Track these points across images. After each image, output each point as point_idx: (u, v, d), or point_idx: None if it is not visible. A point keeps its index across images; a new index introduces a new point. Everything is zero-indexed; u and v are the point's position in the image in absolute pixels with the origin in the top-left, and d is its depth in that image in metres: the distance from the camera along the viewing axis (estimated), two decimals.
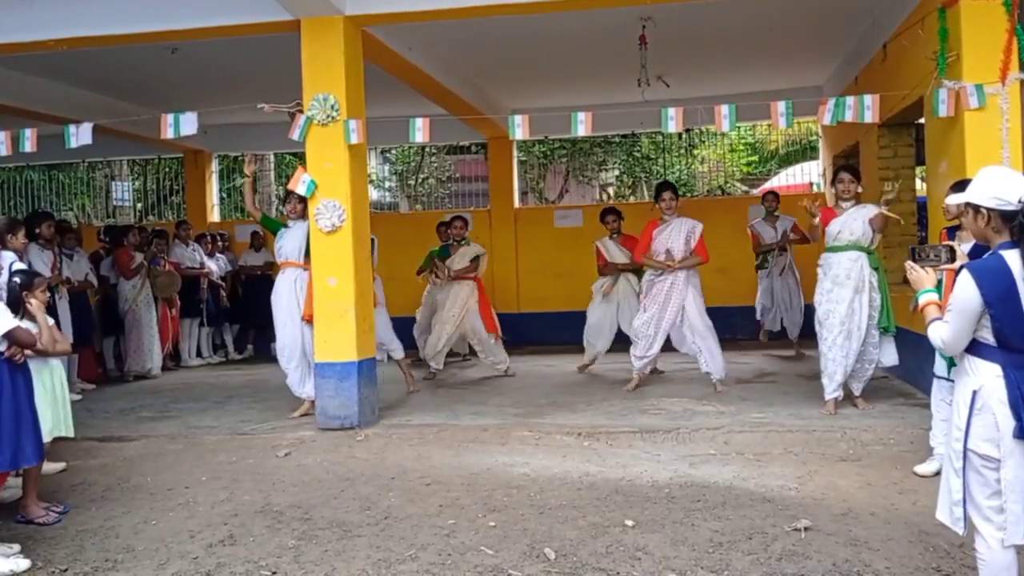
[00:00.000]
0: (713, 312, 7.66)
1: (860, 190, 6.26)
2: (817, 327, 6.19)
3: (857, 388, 6.28)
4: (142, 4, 6.35)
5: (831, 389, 6.12)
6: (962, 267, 2.72)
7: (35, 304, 4.23)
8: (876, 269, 6.14)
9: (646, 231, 7.33)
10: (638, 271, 7.97)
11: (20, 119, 8.18)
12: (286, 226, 6.72)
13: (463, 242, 8.41)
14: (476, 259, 8.36)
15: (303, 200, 6.42)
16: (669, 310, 7.19)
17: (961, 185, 4.47)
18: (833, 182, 6.45)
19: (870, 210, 6.10)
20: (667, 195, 7.25)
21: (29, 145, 6.27)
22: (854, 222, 6.07)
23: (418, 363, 8.65)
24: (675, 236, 7.17)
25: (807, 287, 7.96)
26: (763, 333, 9.53)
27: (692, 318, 7.17)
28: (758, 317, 9.38)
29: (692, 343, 7.25)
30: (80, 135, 6.18)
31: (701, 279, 7.35)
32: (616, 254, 8.17)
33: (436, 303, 8.40)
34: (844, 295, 6.03)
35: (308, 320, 6.43)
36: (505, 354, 8.51)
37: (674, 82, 8.43)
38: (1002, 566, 2.67)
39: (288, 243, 6.65)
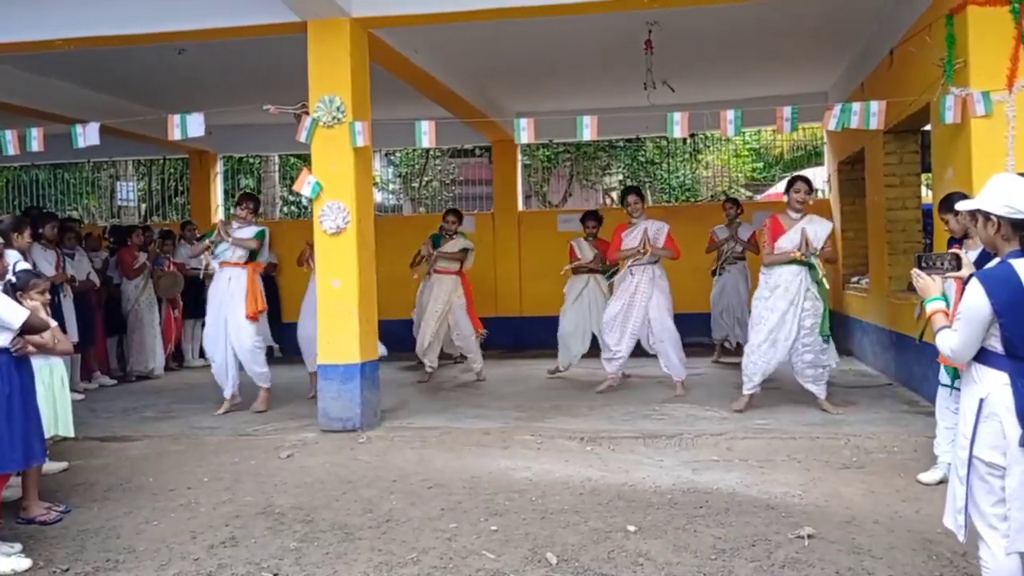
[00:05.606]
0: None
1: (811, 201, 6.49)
2: (749, 330, 6.53)
3: (819, 392, 6.40)
4: (149, 4, 6.36)
5: (748, 387, 6.40)
6: (971, 275, 2.71)
7: (30, 304, 4.22)
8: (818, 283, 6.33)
9: (616, 233, 7.52)
10: (605, 271, 8.13)
11: (26, 118, 8.20)
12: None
13: (455, 236, 8.45)
14: (465, 250, 8.42)
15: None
16: (635, 310, 7.32)
17: (950, 199, 4.48)
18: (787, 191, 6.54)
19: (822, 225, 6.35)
20: (632, 198, 7.46)
21: (36, 144, 6.27)
22: (797, 235, 6.27)
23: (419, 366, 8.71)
24: (642, 235, 7.31)
25: None
26: (717, 352, 9.32)
27: (655, 322, 7.30)
28: (713, 335, 9.31)
29: (652, 344, 7.41)
30: (88, 135, 6.18)
31: (670, 282, 7.46)
32: (587, 253, 8.29)
33: (423, 302, 8.47)
34: (779, 305, 6.26)
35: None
36: (480, 355, 8.52)
37: (679, 87, 8.42)
38: (1007, 574, 2.66)
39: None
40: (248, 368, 7.06)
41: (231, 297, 6.91)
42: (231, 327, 6.92)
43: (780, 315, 6.25)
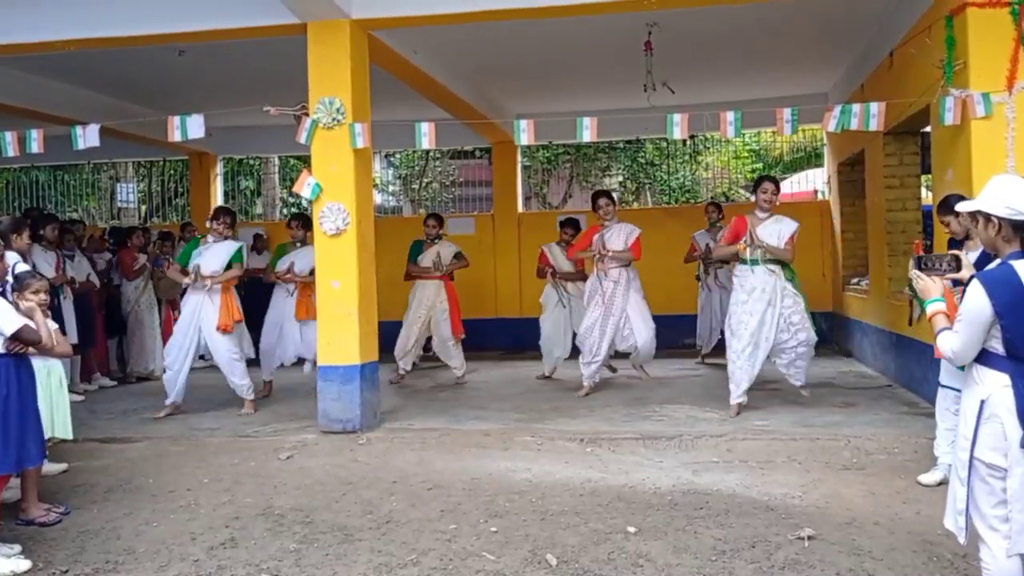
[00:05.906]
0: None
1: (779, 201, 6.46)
2: (728, 336, 6.42)
3: (799, 379, 6.51)
4: (149, 6, 6.36)
5: (736, 395, 6.33)
6: (972, 277, 2.71)
7: (27, 305, 4.21)
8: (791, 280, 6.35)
9: (586, 235, 7.55)
10: (585, 278, 8.07)
11: (27, 120, 8.21)
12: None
13: (437, 240, 8.37)
14: (459, 254, 8.41)
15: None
16: (613, 316, 7.34)
17: (947, 202, 4.49)
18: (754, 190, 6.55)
19: (787, 224, 6.31)
20: (602, 201, 7.48)
21: (35, 146, 6.27)
22: (762, 235, 6.25)
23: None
24: (614, 239, 7.35)
25: None
26: (702, 355, 9.30)
27: (635, 321, 7.33)
28: (697, 339, 9.35)
29: (630, 339, 7.42)
30: (87, 137, 6.18)
31: (642, 282, 7.51)
32: (562, 261, 8.32)
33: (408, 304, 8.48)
34: (758, 308, 6.22)
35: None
36: (463, 360, 8.44)
37: (679, 88, 8.42)
38: None
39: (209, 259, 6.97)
40: (228, 380, 7.05)
41: (204, 309, 6.90)
42: (208, 340, 6.92)
43: (759, 317, 6.24)
